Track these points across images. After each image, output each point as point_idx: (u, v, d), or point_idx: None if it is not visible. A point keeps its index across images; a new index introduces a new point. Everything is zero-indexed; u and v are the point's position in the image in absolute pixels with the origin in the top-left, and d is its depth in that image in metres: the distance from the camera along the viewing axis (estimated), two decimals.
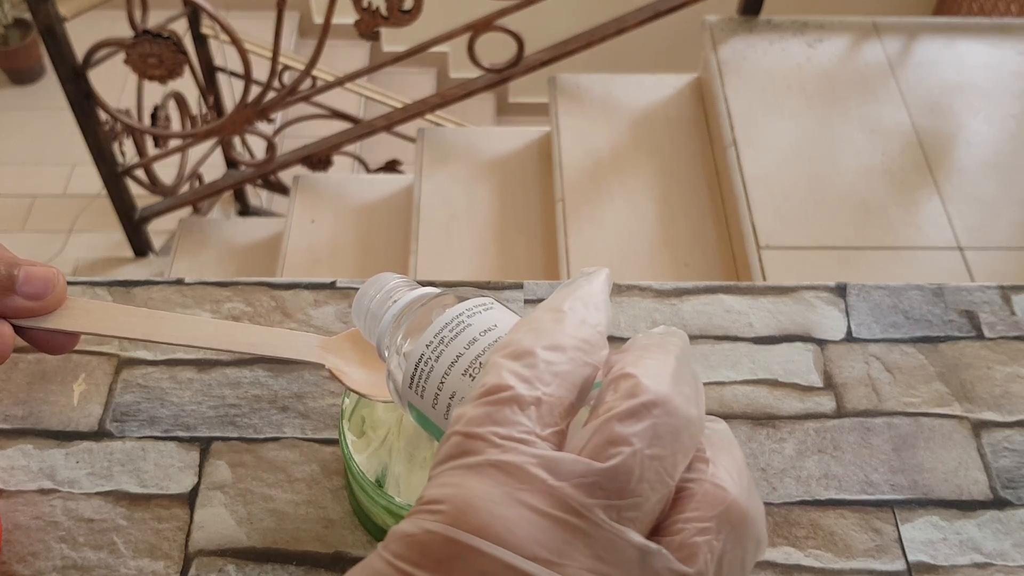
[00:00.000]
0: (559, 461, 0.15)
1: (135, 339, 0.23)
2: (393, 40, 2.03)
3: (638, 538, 0.15)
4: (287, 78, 1.13)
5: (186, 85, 1.29)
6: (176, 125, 1.35)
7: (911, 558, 0.36)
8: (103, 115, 1.16)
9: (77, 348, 0.41)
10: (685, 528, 0.15)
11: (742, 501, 0.16)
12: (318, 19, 2.06)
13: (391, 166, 1.57)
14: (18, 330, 0.22)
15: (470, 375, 0.19)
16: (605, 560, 0.14)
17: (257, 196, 1.73)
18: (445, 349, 0.20)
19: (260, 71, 1.11)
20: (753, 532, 0.16)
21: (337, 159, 1.49)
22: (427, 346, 0.20)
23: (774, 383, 0.42)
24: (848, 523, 0.37)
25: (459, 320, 0.20)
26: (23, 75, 1.96)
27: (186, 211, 1.52)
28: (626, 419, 0.15)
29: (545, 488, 0.15)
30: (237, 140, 1.49)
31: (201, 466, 0.38)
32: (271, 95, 1.12)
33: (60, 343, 0.23)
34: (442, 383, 0.20)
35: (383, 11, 1.00)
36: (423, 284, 0.25)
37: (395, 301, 0.23)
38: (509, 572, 0.14)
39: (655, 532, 0.16)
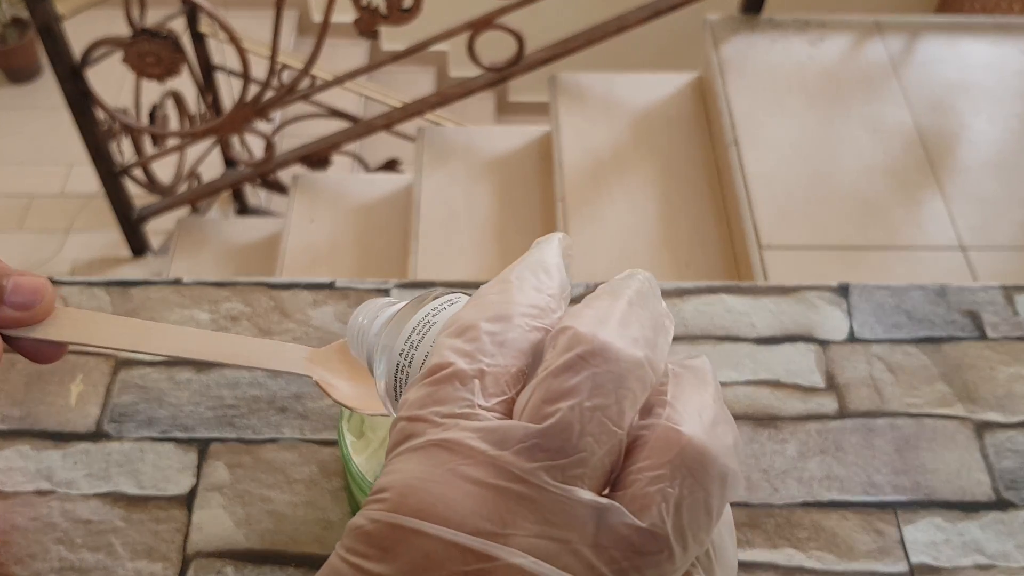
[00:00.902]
0: (499, 429, 0.15)
1: (123, 349, 0.23)
2: (392, 39, 2.03)
3: (587, 495, 0.14)
4: (286, 77, 1.12)
5: (184, 84, 1.28)
6: (174, 124, 1.35)
7: (913, 560, 0.36)
8: (101, 114, 1.16)
9: (75, 349, 0.41)
10: (638, 478, 0.14)
11: (699, 439, 0.15)
12: (317, 17, 2.05)
13: (391, 165, 1.56)
14: (6, 339, 0.22)
15: None
16: (554, 523, 0.14)
17: (256, 196, 1.73)
18: (415, 353, 0.20)
19: (259, 70, 1.11)
20: (716, 471, 0.15)
21: (336, 158, 1.49)
22: (399, 354, 0.20)
23: (776, 384, 0.41)
24: (850, 524, 0.37)
25: (425, 321, 0.20)
26: (21, 74, 1.96)
27: (184, 211, 1.52)
28: (561, 373, 0.15)
29: (485, 459, 0.14)
30: (236, 139, 1.49)
31: (199, 467, 0.38)
32: (270, 94, 1.11)
33: (48, 353, 0.23)
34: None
35: (382, 9, 0.99)
36: (424, 284, 0.25)
37: (378, 317, 0.23)
38: (453, 550, 0.14)
39: (612, 487, 0.15)
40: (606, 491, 0.15)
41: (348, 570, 0.15)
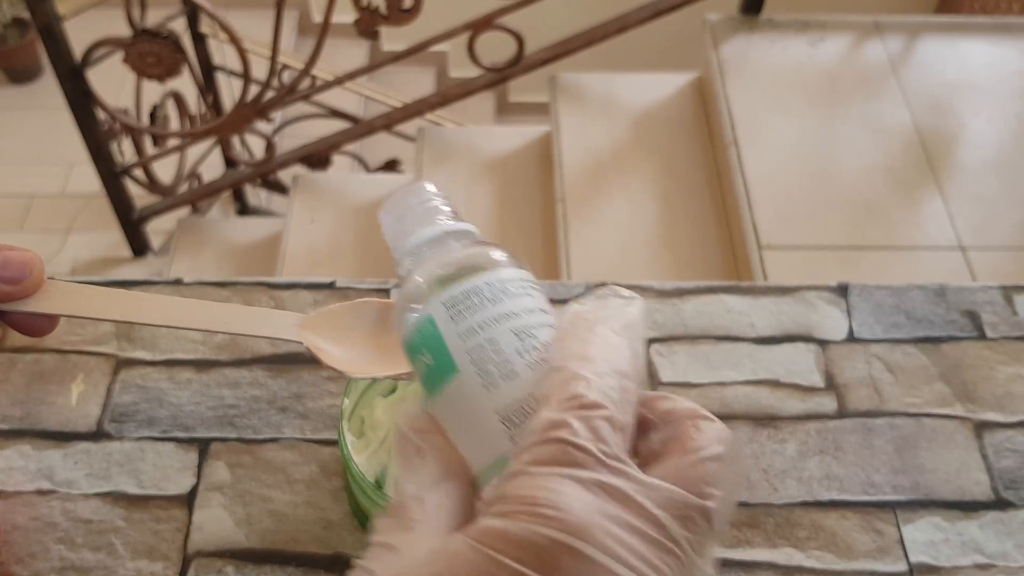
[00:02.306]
0: (659, 488, 0.17)
1: (114, 320, 0.23)
2: (393, 39, 2.03)
3: (711, 570, 0.17)
4: (286, 77, 1.13)
5: (185, 85, 1.28)
6: (175, 125, 1.35)
7: (913, 559, 0.36)
8: (101, 114, 1.16)
9: (75, 348, 0.41)
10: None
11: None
12: (317, 18, 2.05)
13: (391, 166, 1.56)
14: None
15: (518, 337, 0.19)
16: None
17: (256, 196, 1.73)
18: (505, 299, 0.20)
19: (259, 70, 1.11)
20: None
21: (337, 159, 1.49)
22: (487, 284, 0.20)
23: (775, 384, 0.41)
24: (850, 524, 0.37)
25: (524, 284, 0.20)
26: (21, 74, 1.96)
27: (185, 211, 1.52)
28: (712, 462, 0.17)
29: (647, 514, 0.16)
30: (236, 139, 1.49)
31: (200, 467, 0.38)
32: (270, 94, 1.11)
33: (39, 325, 0.23)
34: (484, 325, 0.19)
35: (383, 10, 0.99)
36: None
37: (447, 219, 0.23)
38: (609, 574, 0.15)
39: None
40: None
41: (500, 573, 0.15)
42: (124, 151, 1.27)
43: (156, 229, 1.45)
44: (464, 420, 0.19)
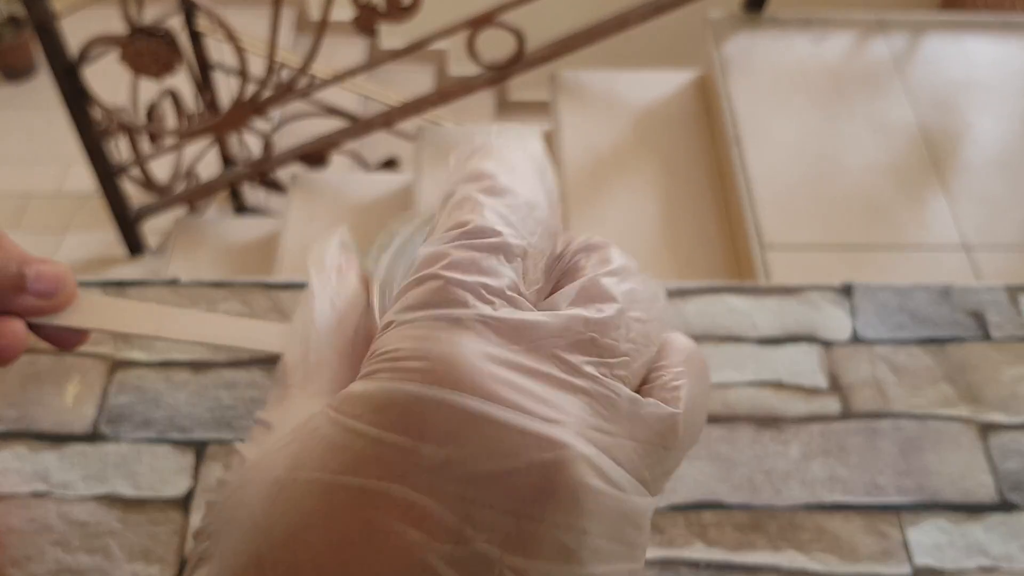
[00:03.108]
0: (546, 322, 0.14)
1: (147, 335, 0.23)
2: (392, 36, 2.03)
3: (629, 392, 0.15)
4: (284, 75, 1.12)
5: (182, 83, 1.28)
6: (172, 123, 1.34)
7: (917, 562, 0.36)
8: (98, 113, 1.15)
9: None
10: (662, 375, 0.16)
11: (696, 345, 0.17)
12: (315, 15, 2.04)
13: (390, 164, 1.56)
14: (30, 327, 0.22)
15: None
16: (604, 416, 0.14)
17: (254, 195, 1.72)
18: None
19: (257, 68, 1.10)
20: (708, 374, 0.17)
21: (335, 157, 1.49)
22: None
23: (779, 385, 0.41)
24: (854, 527, 0.37)
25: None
26: (17, 72, 1.96)
27: (182, 210, 1.51)
28: (608, 277, 0.15)
29: (539, 347, 0.14)
30: (234, 138, 1.48)
31: (196, 469, 0.37)
32: (268, 92, 1.11)
33: (70, 339, 0.23)
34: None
35: (381, 7, 0.99)
36: None
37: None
38: (519, 435, 0.13)
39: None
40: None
41: (366, 446, 0.13)
42: (120, 150, 1.26)
43: (153, 228, 1.44)
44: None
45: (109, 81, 1.30)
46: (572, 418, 0.14)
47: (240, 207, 1.68)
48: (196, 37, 1.34)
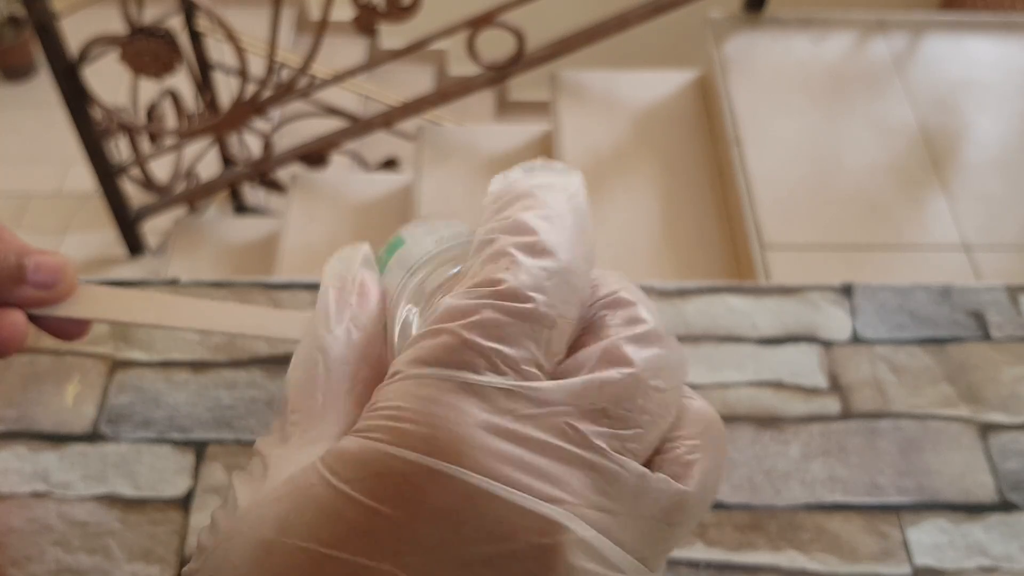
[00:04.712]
0: (559, 389, 0.13)
1: (148, 324, 0.23)
2: (392, 36, 2.03)
3: (639, 467, 0.14)
4: (284, 75, 1.12)
5: (182, 83, 1.28)
6: (172, 123, 1.34)
7: (917, 562, 0.36)
8: (98, 113, 1.15)
9: (70, 349, 0.41)
10: (677, 447, 0.14)
11: (718, 415, 0.16)
12: (315, 15, 2.05)
13: (390, 164, 1.56)
14: (31, 318, 0.22)
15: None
16: (608, 494, 0.13)
17: (254, 195, 1.72)
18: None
19: (257, 68, 1.10)
20: (725, 446, 0.16)
21: (335, 157, 1.49)
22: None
23: (779, 385, 0.41)
24: (854, 527, 0.37)
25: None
26: (17, 72, 1.96)
27: (182, 210, 1.51)
28: (629, 344, 0.14)
29: (548, 417, 0.13)
30: (234, 138, 1.48)
31: (197, 469, 0.37)
32: (268, 92, 1.11)
33: (72, 330, 0.23)
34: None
35: (381, 7, 0.99)
36: None
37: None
38: (515, 513, 0.12)
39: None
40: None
41: (359, 517, 0.12)
42: (120, 150, 1.26)
43: (153, 228, 1.45)
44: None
45: (109, 81, 1.30)
46: (574, 496, 0.13)
47: (240, 207, 1.68)
48: (196, 37, 1.34)
